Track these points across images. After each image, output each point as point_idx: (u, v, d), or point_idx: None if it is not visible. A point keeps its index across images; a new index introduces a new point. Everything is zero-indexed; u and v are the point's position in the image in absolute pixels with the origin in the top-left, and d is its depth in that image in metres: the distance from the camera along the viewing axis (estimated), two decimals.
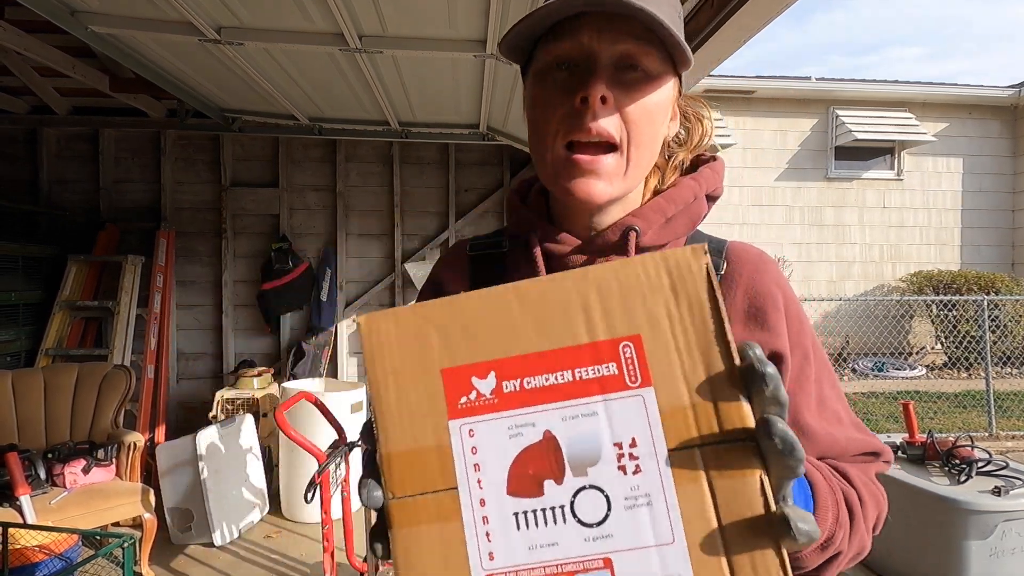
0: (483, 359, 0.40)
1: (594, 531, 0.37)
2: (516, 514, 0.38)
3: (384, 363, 0.41)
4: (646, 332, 0.38)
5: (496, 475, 0.38)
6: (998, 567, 1.77)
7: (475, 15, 2.52)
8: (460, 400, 0.40)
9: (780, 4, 1.92)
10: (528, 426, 0.39)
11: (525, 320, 0.40)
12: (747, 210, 8.11)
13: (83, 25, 2.61)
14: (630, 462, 0.37)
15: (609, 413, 0.38)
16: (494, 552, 0.37)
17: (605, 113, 0.57)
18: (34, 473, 2.77)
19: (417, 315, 0.41)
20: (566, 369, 0.39)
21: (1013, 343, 7.08)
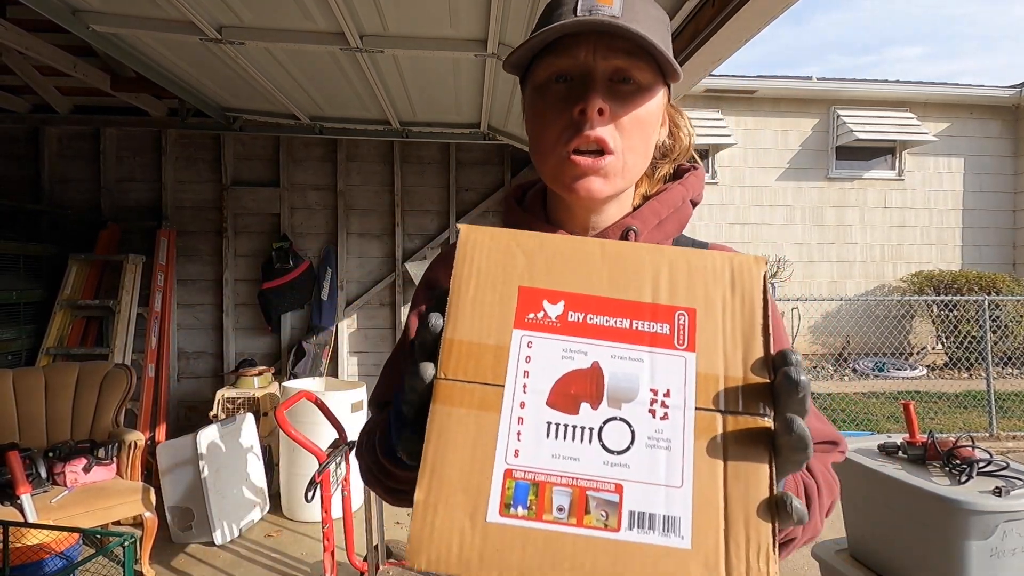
0: (558, 288, 0.45)
1: (614, 458, 0.40)
2: (549, 424, 0.41)
3: (471, 265, 0.46)
4: (701, 308, 0.44)
5: (541, 385, 0.42)
6: (999, 567, 1.77)
7: (476, 15, 2.52)
8: (528, 315, 0.44)
9: (781, 4, 1.92)
10: (580, 353, 0.43)
11: (602, 268, 0.46)
12: (748, 210, 8.11)
13: (84, 24, 2.61)
14: (660, 408, 0.42)
15: (653, 363, 0.43)
16: (520, 450, 0.41)
17: (602, 123, 0.62)
18: (35, 472, 2.77)
19: (511, 237, 0.47)
20: (626, 318, 0.44)
21: (1014, 343, 7.07)
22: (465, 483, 0.40)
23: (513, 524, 0.39)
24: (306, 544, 3.24)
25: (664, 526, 0.39)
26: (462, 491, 0.40)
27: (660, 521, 0.39)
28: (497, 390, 0.42)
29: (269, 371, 4.31)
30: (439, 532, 0.39)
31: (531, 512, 0.39)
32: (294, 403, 2.51)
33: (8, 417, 3.12)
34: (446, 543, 0.39)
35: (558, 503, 0.39)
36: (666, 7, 2.40)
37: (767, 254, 7.82)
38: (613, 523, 0.39)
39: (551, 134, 0.64)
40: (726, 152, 8.02)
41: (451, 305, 0.45)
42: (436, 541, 0.39)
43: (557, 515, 0.39)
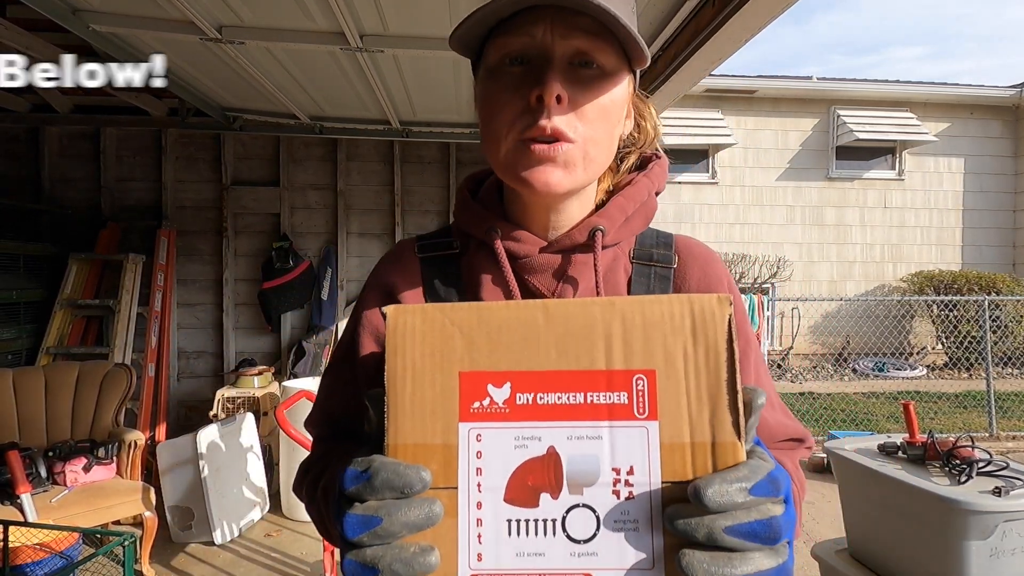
0: (502, 368, 0.42)
1: (580, 547, 0.39)
2: (510, 521, 0.39)
3: (405, 356, 0.42)
4: (661, 369, 0.41)
5: (496, 481, 0.40)
6: (998, 567, 1.77)
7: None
8: (473, 404, 0.41)
9: (781, 4, 1.92)
10: (534, 440, 0.40)
11: (548, 337, 0.42)
12: (748, 210, 8.11)
13: (84, 23, 2.61)
14: (624, 488, 0.39)
15: (613, 439, 0.40)
16: (483, 554, 0.39)
17: (560, 112, 0.56)
18: (35, 471, 2.77)
19: (444, 315, 0.43)
20: (579, 392, 0.41)
21: (1014, 343, 7.08)
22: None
23: None
24: (306, 544, 3.24)
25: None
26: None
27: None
28: (451, 493, 0.40)
29: (269, 371, 4.31)
30: None
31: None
32: (294, 403, 2.51)
33: (8, 417, 3.12)
34: None
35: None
36: (666, 7, 2.40)
37: (767, 254, 7.83)
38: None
39: (503, 121, 0.58)
40: (726, 152, 8.02)
41: (390, 406, 0.42)
42: None
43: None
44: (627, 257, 0.67)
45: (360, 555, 0.40)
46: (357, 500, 0.41)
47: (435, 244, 0.71)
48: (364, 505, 0.40)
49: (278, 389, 4.08)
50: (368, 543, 0.40)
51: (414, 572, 0.39)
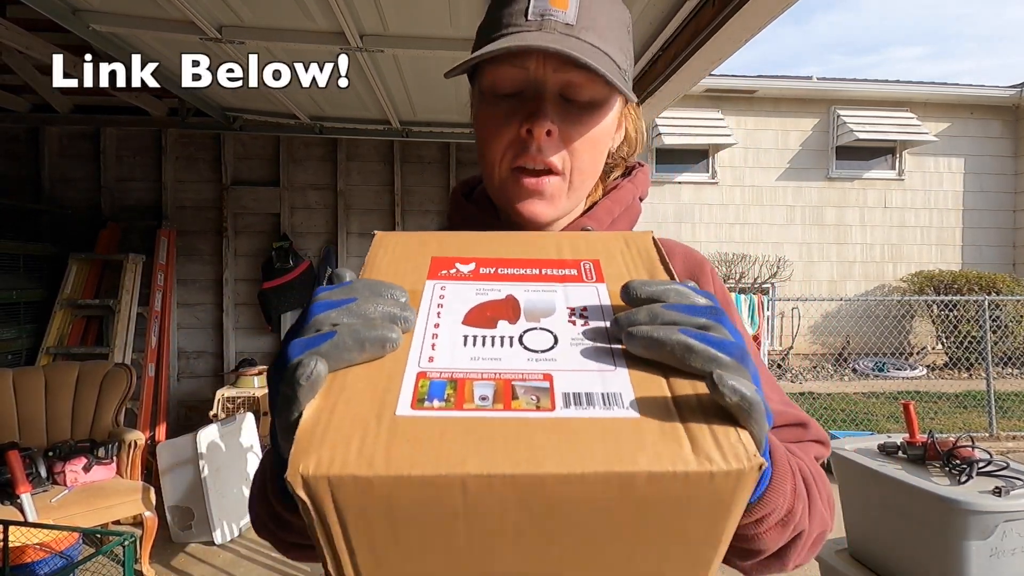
0: (469, 255, 0.48)
1: (538, 355, 0.38)
2: (466, 336, 0.39)
3: (385, 249, 0.49)
4: (603, 258, 0.48)
5: (456, 311, 0.42)
6: (998, 567, 1.77)
7: (476, 14, 2.52)
8: (441, 272, 0.46)
9: (781, 4, 1.92)
10: (494, 290, 0.44)
11: (510, 243, 0.50)
12: (748, 209, 8.12)
13: (85, 23, 2.61)
14: (579, 318, 0.41)
15: (566, 291, 0.44)
16: (434, 357, 0.37)
17: (549, 145, 0.59)
18: (35, 471, 2.77)
19: (424, 235, 0.51)
20: (536, 268, 0.47)
21: (1014, 343, 7.08)
22: (371, 389, 0.35)
23: (427, 415, 0.33)
24: None
25: (604, 400, 0.34)
26: (367, 395, 0.35)
27: (599, 397, 0.34)
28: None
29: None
30: (334, 429, 0.32)
31: (449, 404, 0.34)
32: None
33: (8, 416, 3.12)
34: (343, 440, 0.32)
35: (480, 393, 0.35)
36: (666, 7, 2.40)
37: (767, 254, 7.83)
38: (546, 404, 0.34)
39: (496, 148, 0.61)
40: (726, 152, 8.02)
41: (365, 269, 0.46)
42: (330, 439, 0.32)
43: (480, 403, 0.34)
44: None
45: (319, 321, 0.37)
46: None
47: None
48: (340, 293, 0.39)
49: None
50: (335, 319, 0.37)
51: (374, 335, 0.36)
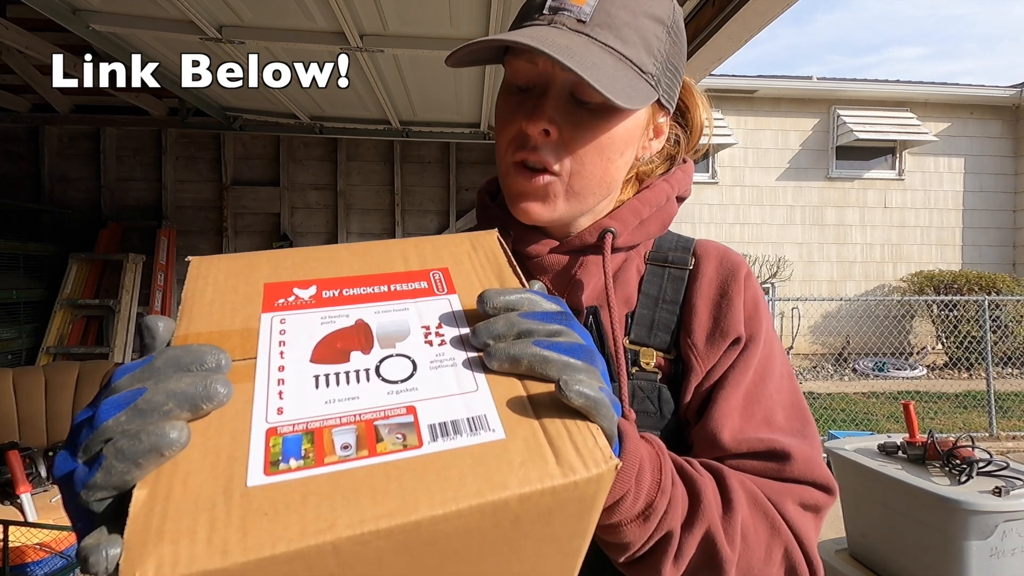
0: (307, 278, 0.42)
1: (398, 386, 0.36)
2: (316, 376, 0.35)
3: (207, 280, 0.41)
4: (451, 265, 0.46)
5: (301, 348, 0.37)
6: (998, 567, 1.77)
7: (476, 14, 2.52)
8: (277, 301, 0.40)
9: (781, 4, 1.92)
10: (342, 317, 0.40)
11: (351, 258, 0.45)
12: (748, 209, 8.11)
13: (84, 23, 2.61)
14: (436, 338, 0.39)
15: (418, 308, 0.41)
16: (284, 407, 0.33)
17: (546, 145, 0.57)
18: (35, 471, 2.77)
19: (251, 255, 0.44)
20: (383, 284, 0.43)
21: (1014, 343, 7.07)
22: (212, 458, 0.30)
23: (285, 479, 0.30)
24: None
25: (471, 426, 0.34)
26: (208, 468, 0.30)
27: (465, 424, 0.34)
28: (248, 363, 0.35)
29: None
30: (173, 519, 0.28)
31: (308, 461, 0.31)
32: None
33: (8, 416, 3.12)
34: (187, 529, 0.27)
35: (342, 442, 0.32)
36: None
37: (767, 254, 7.83)
38: (413, 441, 0.33)
39: (503, 140, 0.60)
40: (726, 152, 8.02)
41: (183, 308, 0.39)
42: (170, 531, 0.27)
43: (343, 453, 0.31)
44: (642, 259, 0.67)
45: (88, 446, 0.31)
46: None
47: None
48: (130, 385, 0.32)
49: None
50: (117, 429, 0.30)
51: (142, 446, 0.29)
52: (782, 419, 0.58)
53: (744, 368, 0.59)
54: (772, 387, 0.59)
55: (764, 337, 0.61)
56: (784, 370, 0.62)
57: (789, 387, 0.61)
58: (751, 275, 0.64)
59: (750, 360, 0.60)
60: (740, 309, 0.61)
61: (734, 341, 0.60)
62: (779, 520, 0.52)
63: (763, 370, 0.60)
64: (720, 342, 0.60)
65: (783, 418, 0.58)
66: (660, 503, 0.45)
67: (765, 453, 0.55)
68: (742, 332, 0.60)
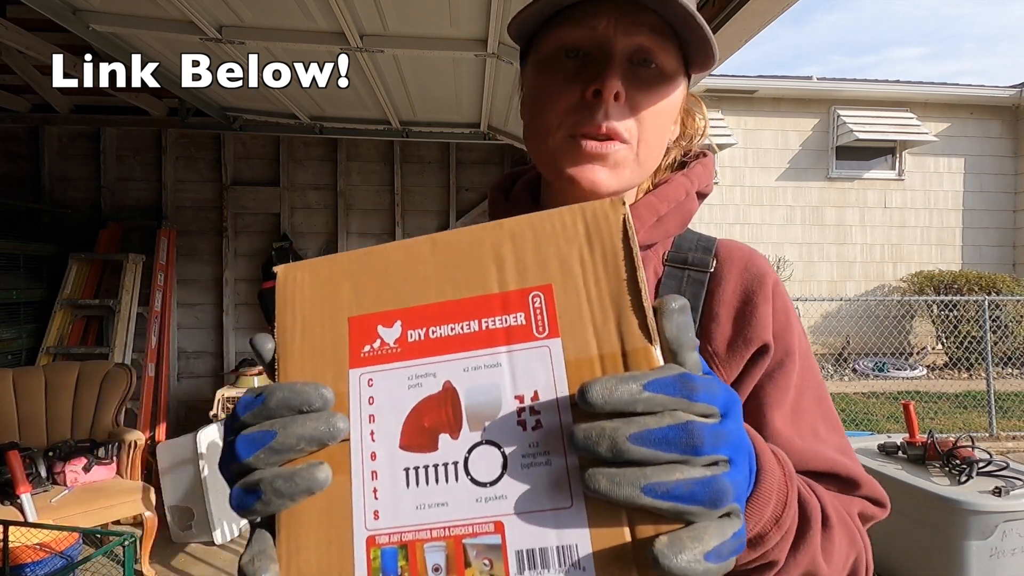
0: (391, 307, 0.39)
1: (487, 491, 0.34)
2: (407, 469, 0.36)
3: (295, 310, 0.41)
4: (557, 281, 0.37)
5: (391, 428, 0.37)
6: (998, 567, 1.77)
7: (476, 14, 2.52)
8: (363, 349, 0.39)
9: (781, 4, 1.92)
10: (428, 376, 0.37)
11: (436, 269, 0.39)
12: (748, 210, 8.12)
13: (84, 23, 2.61)
14: (531, 417, 0.35)
15: (512, 364, 0.36)
16: (380, 511, 0.35)
17: (617, 110, 0.54)
18: (35, 471, 2.77)
19: (333, 265, 0.41)
20: (473, 319, 0.37)
21: (1014, 343, 7.07)
22: (326, 567, 0.35)
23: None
24: None
25: (560, 559, 0.32)
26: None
27: (554, 555, 0.33)
28: (343, 447, 0.37)
29: None
30: None
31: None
32: None
33: (8, 416, 3.12)
34: None
35: (432, 563, 0.34)
36: None
37: (767, 254, 7.84)
38: (499, 571, 0.33)
39: (554, 114, 0.55)
40: (726, 152, 8.02)
41: (280, 359, 0.40)
42: None
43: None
44: (659, 260, 0.63)
45: (246, 481, 0.36)
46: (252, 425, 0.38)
47: None
48: (259, 424, 0.37)
49: None
50: (260, 463, 0.36)
51: (297, 487, 0.35)
52: (824, 434, 0.58)
53: (786, 385, 0.57)
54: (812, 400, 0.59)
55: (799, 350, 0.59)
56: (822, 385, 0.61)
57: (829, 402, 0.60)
58: (780, 284, 0.61)
59: (789, 377, 0.57)
60: (767, 317, 0.58)
61: (760, 350, 0.57)
62: (856, 533, 0.53)
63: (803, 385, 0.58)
64: (743, 350, 0.57)
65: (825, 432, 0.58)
66: (772, 537, 0.44)
67: (828, 475, 0.55)
68: (769, 341, 0.57)
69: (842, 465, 0.55)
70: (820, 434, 0.57)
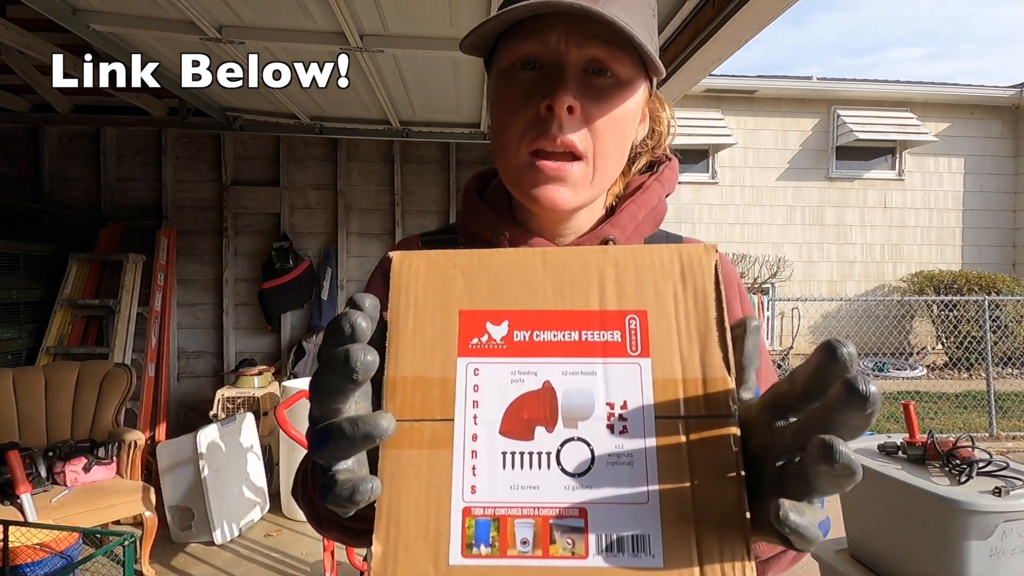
0: (500, 307, 0.43)
1: (575, 481, 0.38)
2: (504, 453, 0.39)
3: (408, 295, 0.43)
4: (652, 309, 0.42)
5: (492, 414, 0.40)
6: (999, 568, 1.77)
7: (476, 14, 2.52)
8: (472, 341, 0.42)
9: (780, 4, 1.92)
10: (530, 374, 0.41)
11: (546, 280, 0.43)
12: (748, 210, 8.12)
13: (84, 23, 2.61)
14: (619, 422, 0.39)
15: (607, 374, 0.40)
16: (476, 486, 0.39)
17: (571, 124, 0.55)
18: (35, 471, 2.77)
19: (448, 259, 0.44)
20: (575, 330, 0.42)
21: (1014, 343, 7.07)
22: (424, 528, 0.38)
23: (477, 564, 0.37)
24: (306, 543, 3.24)
25: (633, 547, 0.37)
26: (422, 537, 0.38)
27: (629, 542, 0.37)
28: (447, 425, 0.40)
29: (269, 371, 4.31)
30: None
31: (495, 549, 0.38)
32: (294, 403, 2.51)
33: (8, 416, 3.12)
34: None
35: (521, 536, 0.38)
36: (666, 8, 2.40)
37: (767, 254, 7.83)
38: (580, 550, 0.37)
39: (513, 131, 0.57)
40: (726, 152, 8.02)
41: (391, 340, 0.42)
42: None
43: (522, 548, 0.38)
44: None
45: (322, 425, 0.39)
46: None
47: (440, 240, 0.71)
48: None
49: (278, 389, 4.08)
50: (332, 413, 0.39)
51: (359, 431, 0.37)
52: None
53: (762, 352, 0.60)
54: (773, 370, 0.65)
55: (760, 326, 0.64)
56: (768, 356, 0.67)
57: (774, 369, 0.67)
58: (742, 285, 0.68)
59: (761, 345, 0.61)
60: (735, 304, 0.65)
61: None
62: None
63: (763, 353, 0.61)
64: None
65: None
66: None
67: None
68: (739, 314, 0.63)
69: None
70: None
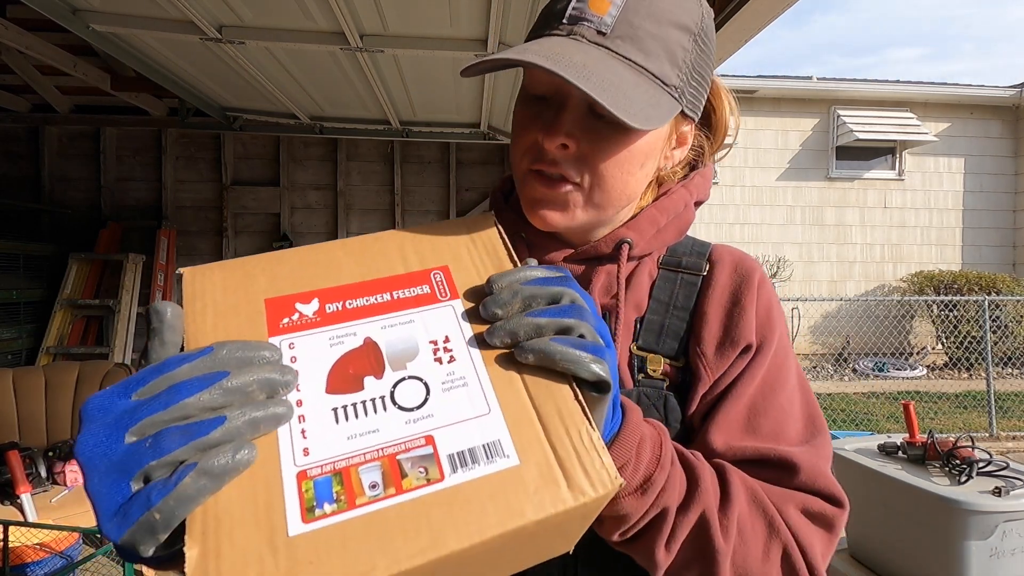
0: (307, 289, 0.43)
1: (414, 414, 0.38)
2: (335, 409, 0.38)
3: (205, 299, 0.41)
4: (452, 263, 0.46)
5: (315, 377, 0.39)
6: (998, 568, 1.77)
7: (476, 15, 2.52)
8: (283, 320, 0.41)
9: (780, 4, 1.93)
10: (350, 335, 0.41)
11: (349, 261, 0.45)
12: (748, 210, 8.11)
13: (84, 23, 2.61)
14: (445, 354, 0.41)
15: (424, 320, 0.42)
16: (309, 447, 0.36)
17: (565, 159, 0.55)
18: (35, 471, 2.77)
19: (246, 263, 0.44)
20: (385, 292, 0.43)
21: (1014, 343, 7.07)
22: (251, 510, 0.33)
23: (323, 525, 0.33)
24: None
25: (487, 454, 0.37)
26: (250, 521, 0.33)
27: (482, 451, 0.37)
28: None
29: None
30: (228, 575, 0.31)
31: (341, 504, 0.34)
32: None
33: (8, 416, 3.12)
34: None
35: (369, 480, 0.35)
36: None
37: (767, 254, 7.83)
38: (435, 474, 0.36)
39: (519, 147, 0.59)
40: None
41: (187, 335, 0.39)
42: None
43: (371, 493, 0.34)
44: (654, 263, 0.66)
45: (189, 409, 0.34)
46: None
47: None
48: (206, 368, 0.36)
49: None
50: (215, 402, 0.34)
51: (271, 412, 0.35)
52: (792, 431, 0.58)
53: (751, 378, 0.58)
54: (783, 398, 0.59)
55: (776, 345, 0.60)
56: (798, 379, 0.61)
57: (802, 398, 0.60)
58: (765, 280, 0.63)
59: (757, 369, 0.59)
60: (752, 317, 0.60)
61: (744, 350, 0.59)
62: (778, 520, 0.52)
63: (773, 380, 0.59)
64: (730, 351, 0.59)
65: (794, 430, 0.58)
66: (659, 478, 0.47)
67: (762, 461, 0.55)
68: (753, 340, 0.59)
69: (772, 451, 0.55)
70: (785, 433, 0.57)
